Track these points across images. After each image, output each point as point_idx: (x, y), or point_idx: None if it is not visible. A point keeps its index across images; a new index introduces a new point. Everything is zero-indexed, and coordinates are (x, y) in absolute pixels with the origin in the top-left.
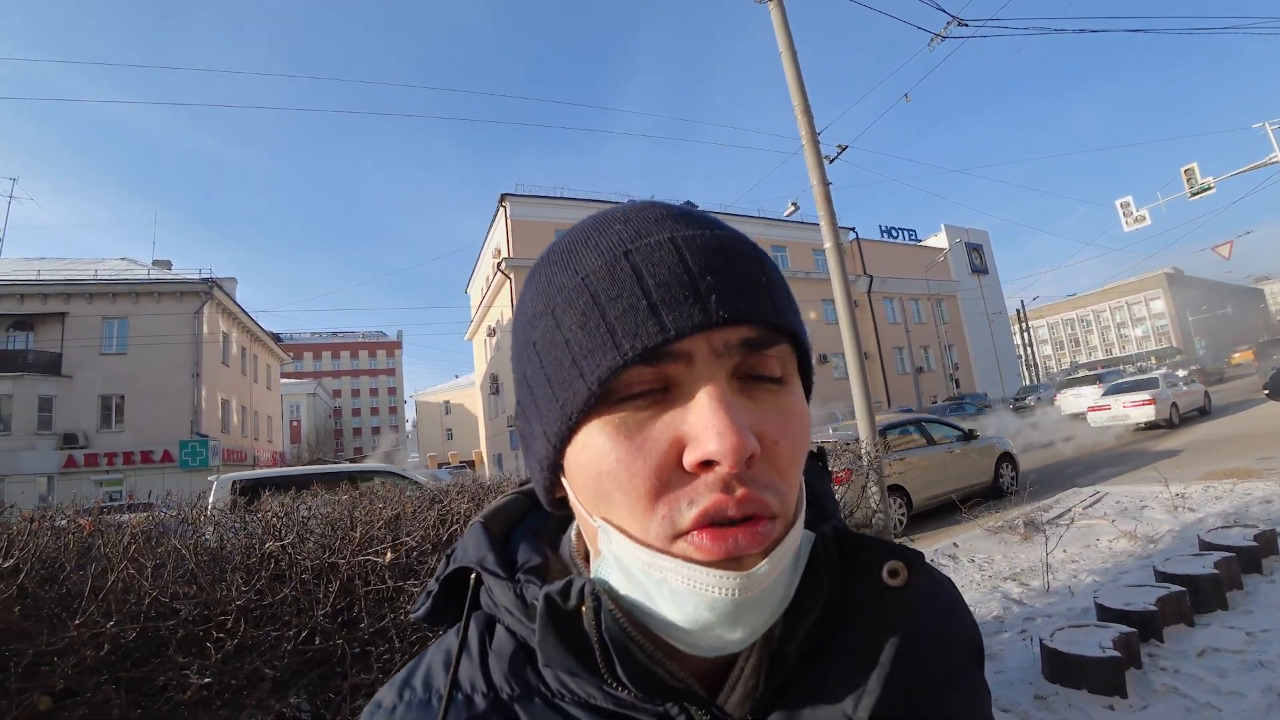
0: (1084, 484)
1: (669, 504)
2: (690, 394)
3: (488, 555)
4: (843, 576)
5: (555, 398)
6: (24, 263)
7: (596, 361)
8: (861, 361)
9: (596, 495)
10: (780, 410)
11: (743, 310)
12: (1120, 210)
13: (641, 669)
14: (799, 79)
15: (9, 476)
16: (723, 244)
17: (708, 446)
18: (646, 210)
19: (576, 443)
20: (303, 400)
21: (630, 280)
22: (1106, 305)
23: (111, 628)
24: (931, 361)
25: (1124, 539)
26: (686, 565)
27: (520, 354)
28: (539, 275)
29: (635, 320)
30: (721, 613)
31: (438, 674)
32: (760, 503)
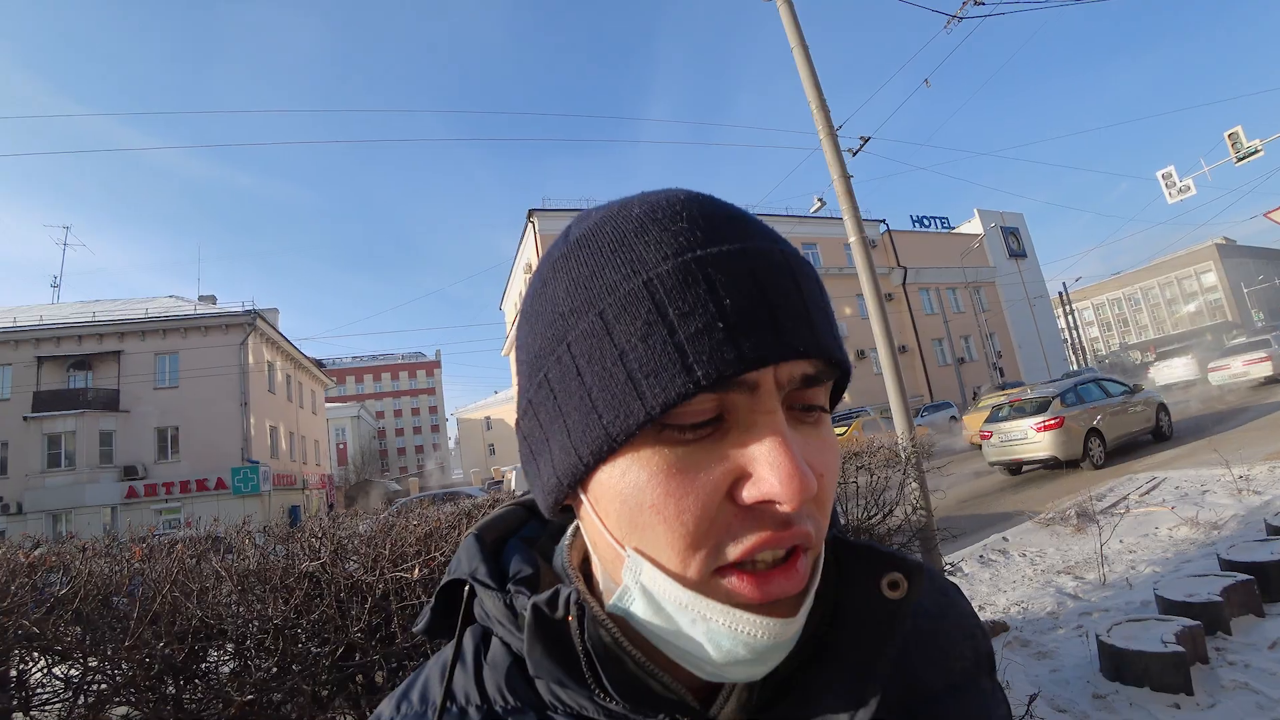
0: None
1: (714, 539)
2: (748, 425)
3: (479, 567)
4: (839, 585)
5: (597, 412)
6: (80, 306)
7: (662, 384)
8: (895, 356)
9: (632, 525)
10: (821, 443)
11: (812, 344)
12: (1162, 182)
13: (632, 680)
14: (813, 74)
15: (76, 509)
16: (791, 264)
17: (773, 487)
18: (710, 208)
19: (614, 466)
20: (347, 423)
21: (704, 295)
22: (1155, 282)
23: (162, 648)
24: (973, 351)
25: (1185, 526)
26: (731, 610)
27: (543, 350)
28: (576, 262)
29: (710, 343)
30: (758, 653)
31: (434, 687)
32: (805, 536)
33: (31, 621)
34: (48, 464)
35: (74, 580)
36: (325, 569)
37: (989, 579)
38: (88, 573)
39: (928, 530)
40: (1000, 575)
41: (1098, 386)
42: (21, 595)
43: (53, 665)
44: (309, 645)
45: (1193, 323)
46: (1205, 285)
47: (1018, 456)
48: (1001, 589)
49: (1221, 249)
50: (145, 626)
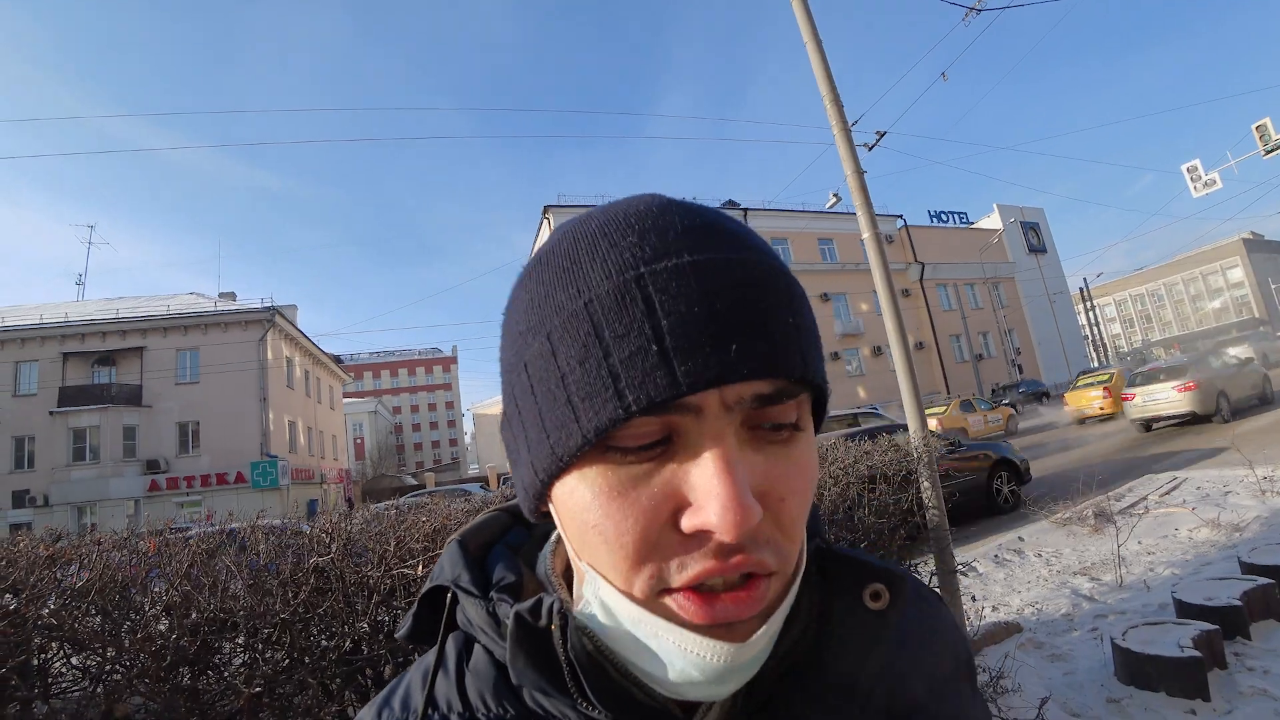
0: (1161, 469)
1: (657, 564)
2: (694, 449)
3: (462, 573)
4: (823, 596)
5: (546, 432)
6: (104, 303)
7: (595, 409)
8: (908, 353)
9: (582, 543)
10: (789, 463)
11: (765, 364)
12: (1187, 175)
13: (615, 688)
14: (825, 68)
15: (100, 502)
16: (751, 275)
17: (709, 518)
18: (665, 218)
19: (565, 483)
20: (365, 418)
21: (641, 316)
22: (1179, 277)
23: (175, 640)
24: (991, 347)
25: (1205, 528)
26: (679, 629)
27: (511, 364)
28: (534, 280)
29: (643, 368)
30: (711, 675)
31: (415, 694)
32: (758, 564)
33: (50, 612)
34: (73, 458)
35: (90, 572)
36: (334, 564)
37: (1003, 579)
38: (103, 565)
39: (940, 529)
40: (1015, 575)
41: (1216, 357)
42: (40, 587)
43: (71, 655)
44: (318, 639)
45: (1218, 319)
46: (1231, 281)
47: (1160, 413)
48: (1016, 589)
49: (1248, 244)
50: (158, 618)
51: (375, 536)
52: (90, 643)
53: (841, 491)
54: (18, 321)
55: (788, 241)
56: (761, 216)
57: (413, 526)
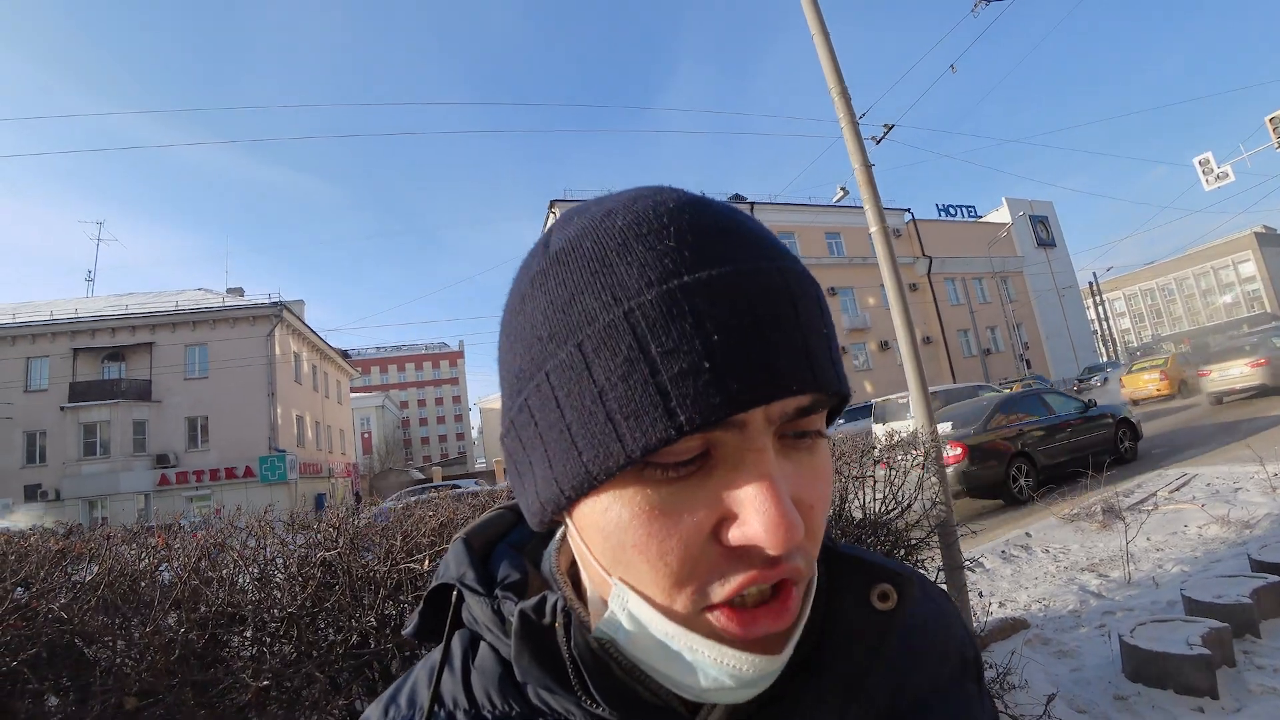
0: (1170, 464)
1: (700, 580)
2: (734, 463)
3: (467, 571)
4: (830, 596)
5: (576, 449)
6: (114, 299)
7: (644, 428)
8: (916, 347)
9: (615, 561)
10: (815, 471)
11: (809, 378)
12: (1199, 168)
13: (619, 686)
14: (833, 60)
15: (111, 496)
16: (790, 285)
17: (757, 532)
18: (697, 219)
19: (596, 501)
20: (372, 413)
21: (690, 330)
22: (1190, 272)
23: (183, 634)
24: (999, 342)
25: (1215, 525)
26: (718, 646)
27: (523, 372)
28: (555, 281)
29: (695, 386)
30: (744, 683)
31: (421, 690)
32: (793, 570)
33: (60, 606)
34: (84, 452)
35: (99, 566)
36: (340, 558)
37: (1010, 575)
38: (112, 559)
39: (947, 525)
40: (1022, 571)
41: (1277, 336)
42: (50, 581)
43: (82, 649)
44: (326, 633)
45: (1229, 314)
46: (1243, 275)
47: (1234, 387)
48: (1023, 585)
49: (1261, 238)
50: (167, 612)
51: (381, 531)
52: (100, 636)
53: (847, 486)
54: (28, 318)
55: (794, 235)
56: (768, 210)
57: (419, 521)
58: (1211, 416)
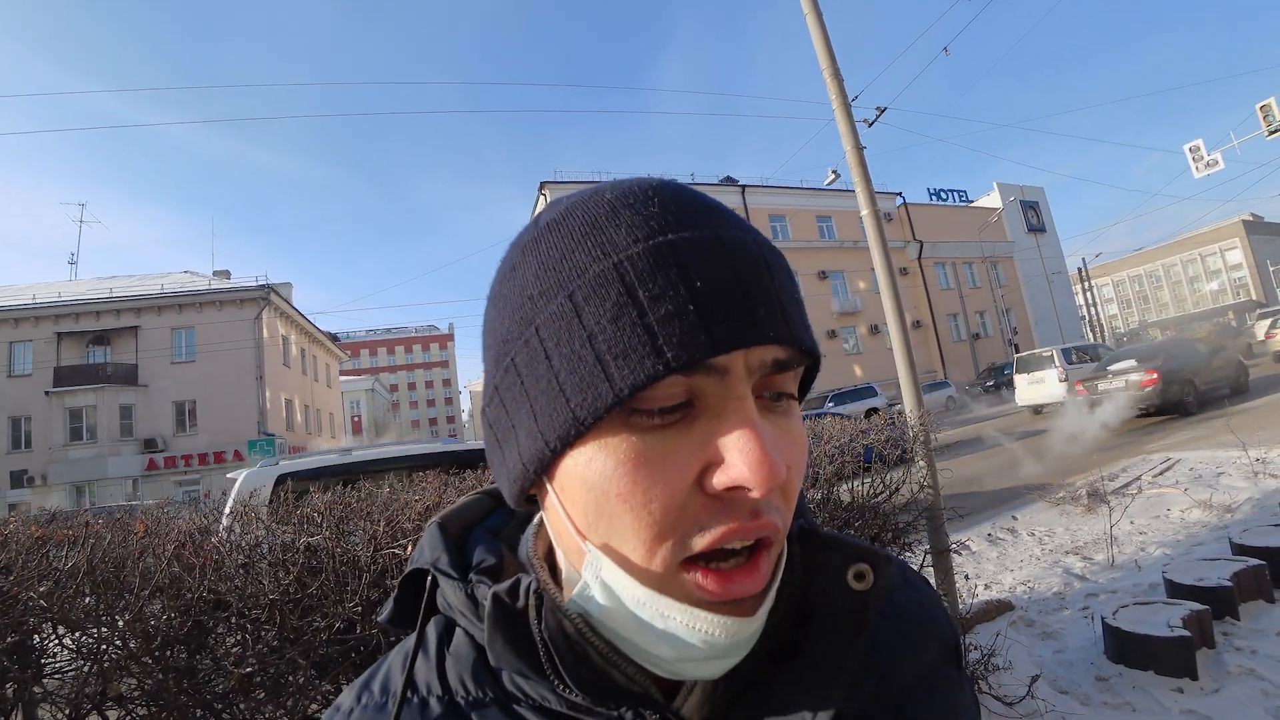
0: (1155, 449)
1: (682, 530)
2: (718, 411)
3: (442, 556)
4: (806, 577)
5: (564, 395)
6: (98, 282)
7: (631, 366)
8: (905, 331)
9: (598, 515)
10: (790, 433)
11: (785, 330)
12: (1189, 155)
13: (595, 671)
14: (825, 40)
15: (99, 481)
16: (764, 252)
17: (742, 473)
18: (680, 195)
19: (581, 453)
20: (362, 396)
21: (676, 278)
22: (1177, 258)
23: (165, 620)
24: (989, 327)
25: (1198, 509)
26: (690, 609)
27: (510, 334)
28: (546, 245)
29: (681, 326)
30: (716, 650)
31: (395, 677)
32: (772, 526)
33: (39, 594)
34: (70, 437)
35: (79, 553)
36: (325, 542)
37: (996, 557)
38: (92, 545)
39: (935, 509)
40: (1008, 554)
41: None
42: (30, 569)
43: (64, 636)
44: (311, 619)
45: (1215, 301)
46: (1230, 263)
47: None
48: (1009, 568)
49: (1248, 225)
50: (150, 599)
51: (365, 516)
52: (83, 623)
53: (838, 470)
54: (10, 302)
55: (786, 219)
56: (760, 193)
57: (404, 506)
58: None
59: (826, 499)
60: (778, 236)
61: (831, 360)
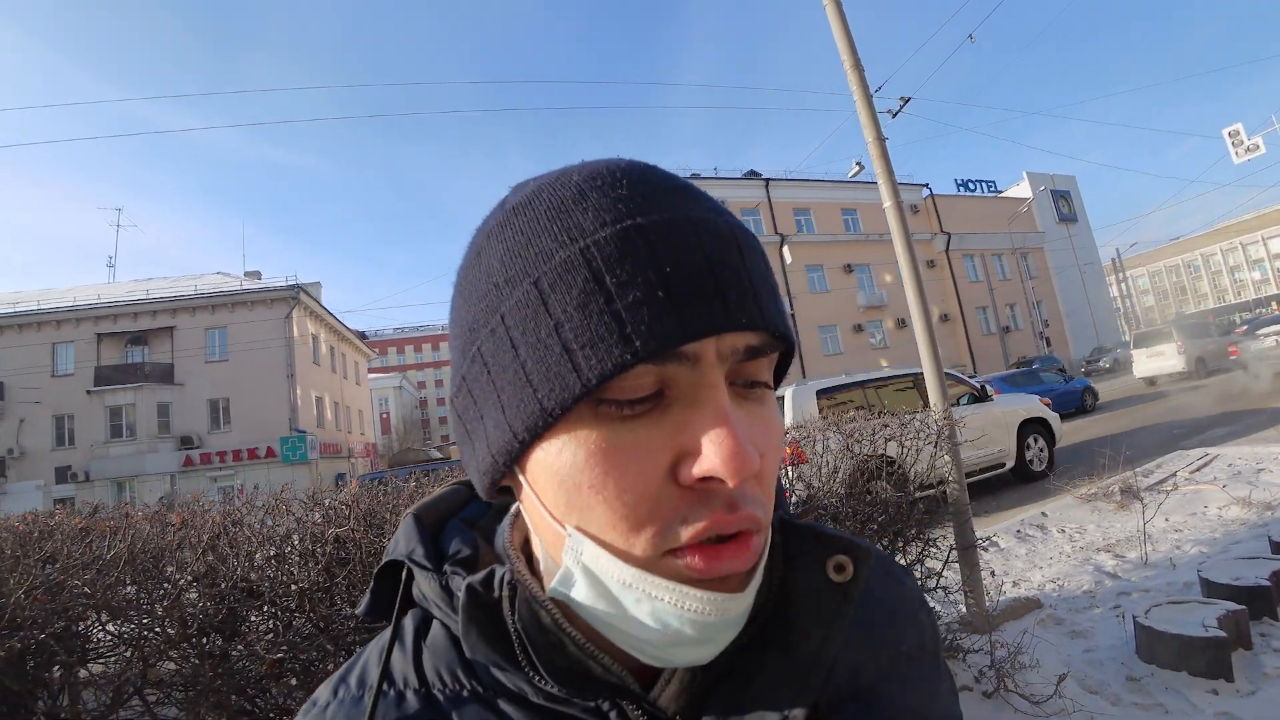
0: (1191, 445)
1: (660, 521)
2: (690, 400)
3: (416, 547)
4: (785, 568)
5: (531, 386)
6: (135, 284)
7: (599, 355)
8: (930, 324)
9: (570, 507)
10: (765, 420)
11: (757, 315)
12: (1229, 140)
13: (571, 661)
14: (845, 30)
15: (138, 477)
16: (735, 234)
17: (714, 463)
18: (647, 176)
19: (550, 444)
20: (390, 393)
21: (645, 263)
22: (1217, 247)
23: (201, 607)
24: (1019, 319)
25: (1236, 506)
26: (679, 587)
27: (476, 322)
28: (511, 230)
29: (650, 313)
30: (703, 631)
31: (372, 670)
32: (752, 519)
33: (84, 582)
34: (111, 435)
35: (119, 544)
36: (352, 534)
37: (1025, 554)
38: (132, 536)
39: (960, 504)
40: (1037, 551)
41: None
42: (75, 558)
43: (107, 623)
44: (340, 607)
45: (1258, 290)
46: (1273, 251)
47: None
48: (1037, 565)
49: None
50: (187, 587)
51: (391, 509)
52: (124, 610)
53: (859, 465)
54: (53, 304)
55: (810, 212)
56: (783, 187)
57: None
58: None
59: (850, 494)
60: (802, 230)
61: (858, 354)
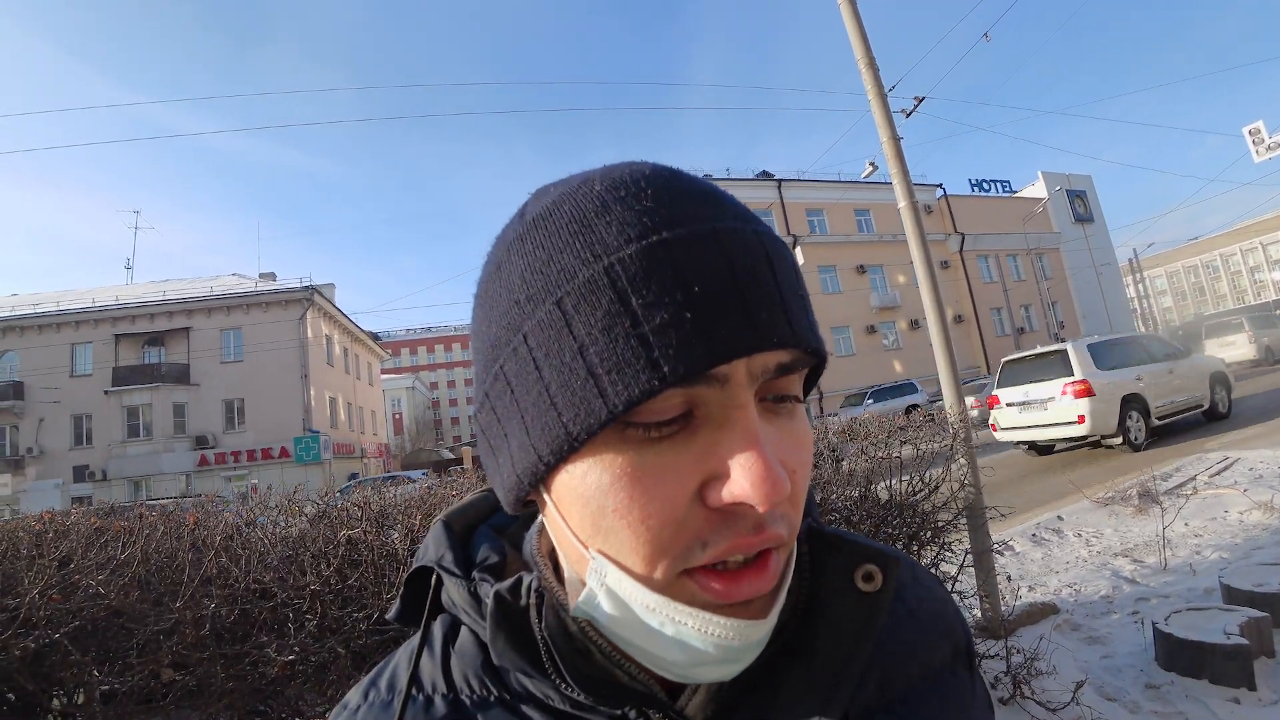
0: (1213, 448)
1: (683, 544)
2: (718, 422)
3: (446, 553)
4: (813, 577)
5: (556, 409)
6: (152, 286)
7: (626, 381)
8: (945, 326)
9: (595, 529)
10: (795, 436)
11: (788, 333)
12: (1249, 138)
13: (597, 669)
14: (860, 28)
15: (154, 476)
16: (765, 245)
17: (744, 489)
18: (672, 183)
19: (576, 467)
20: (403, 394)
21: (671, 283)
22: (1237, 247)
23: (213, 609)
24: (1034, 321)
25: (1258, 510)
26: (701, 613)
27: (499, 339)
28: (532, 244)
29: (678, 336)
30: (729, 654)
31: (401, 674)
32: (776, 538)
33: (98, 583)
34: (128, 434)
35: (132, 545)
36: (364, 536)
37: (1041, 559)
38: (144, 537)
39: (976, 507)
40: (1053, 555)
41: None
42: (89, 559)
43: (122, 623)
44: (351, 609)
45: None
46: None
47: None
48: (1054, 569)
49: None
50: (199, 588)
51: (402, 510)
52: (137, 611)
53: (874, 467)
54: (72, 305)
55: (823, 213)
56: (796, 187)
57: (441, 501)
58: None
59: (864, 496)
60: (815, 231)
61: (871, 356)
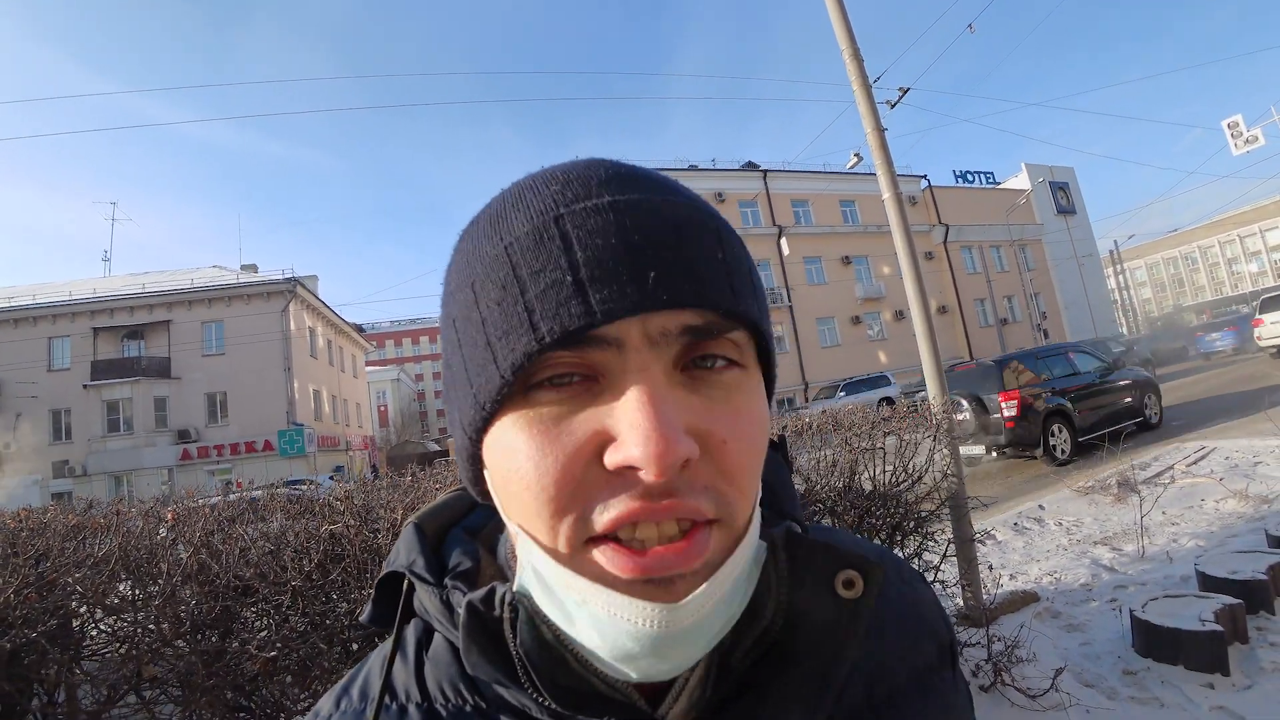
0: (1190, 438)
1: (580, 504)
2: (620, 387)
3: (417, 559)
4: (792, 583)
5: (470, 383)
6: (131, 278)
7: (510, 345)
8: (928, 317)
9: (508, 497)
10: (731, 405)
11: (688, 292)
12: (1228, 131)
13: (575, 680)
14: (845, 19)
15: (136, 471)
16: (676, 213)
17: (630, 450)
18: (592, 169)
19: (491, 436)
20: (388, 386)
21: (557, 251)
22: (1215, 240)
23: (194, 605)
24: (1017, 312)
25: (1233, 499)
26: (606, 590)
27: (443, 330)
28: (465, 241)
29: (557, 299)
30: (646, 645)
31: (374, 682)
32: (692, 509)
33: (75, 580)
34: (108, 429)
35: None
36: (346, 530)
37: (1022, 547)
38: (124, 533)
39: (958, 497)
40: (1034, 544)
41: None
42: (67, 555)
43: (100, 620)
44: (335, 604)
45: (1255, 284)
46: (1270, 243)
47: None
48: (1034, 558)
49: None
50: (180, 584)
51: (385, 505)
52: (118, 608)
53: (855, 459)
54: (48, 298)
55: (808, 204)
56: (781, 178)
57: (424, 495)
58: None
59: (848, 487)
60: (800, 222)
61: (856, 347)
